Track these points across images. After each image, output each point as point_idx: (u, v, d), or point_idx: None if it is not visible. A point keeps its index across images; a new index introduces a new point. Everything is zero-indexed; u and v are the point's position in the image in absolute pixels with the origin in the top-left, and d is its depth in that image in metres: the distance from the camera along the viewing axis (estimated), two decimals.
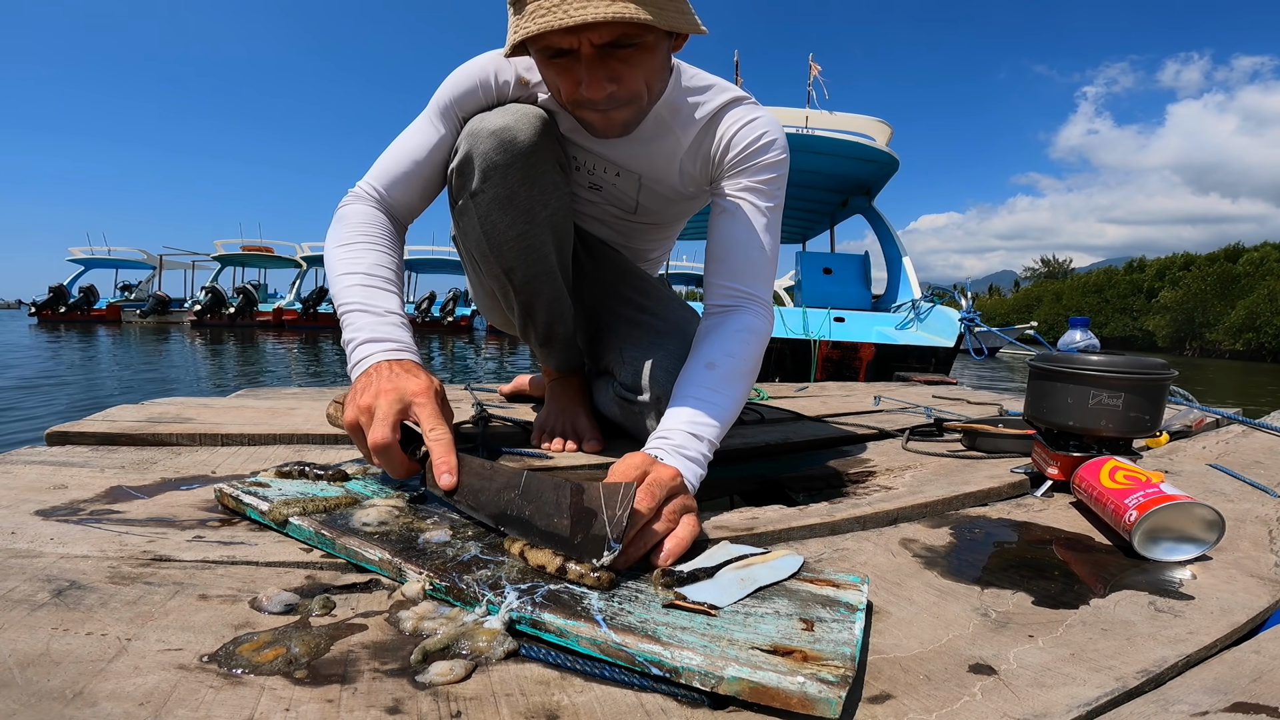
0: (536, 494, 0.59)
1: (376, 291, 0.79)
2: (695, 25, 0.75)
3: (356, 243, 0.83)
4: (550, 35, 0.69)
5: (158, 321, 22.65)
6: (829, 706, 0.38)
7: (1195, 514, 0.65)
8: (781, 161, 0.89)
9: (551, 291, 0.96)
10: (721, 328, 0.84)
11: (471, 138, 0.83)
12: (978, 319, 4.06)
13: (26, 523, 0.62)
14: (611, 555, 0.51)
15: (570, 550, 0.53)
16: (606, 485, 0.56)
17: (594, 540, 0.53)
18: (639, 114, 0.81)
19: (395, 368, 0.70)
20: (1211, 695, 0.42)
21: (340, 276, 0.80)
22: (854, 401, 1.65)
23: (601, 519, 0.53)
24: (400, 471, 0.66)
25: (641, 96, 0.78)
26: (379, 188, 0.88)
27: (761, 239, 0.88)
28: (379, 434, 0.64)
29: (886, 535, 0.71)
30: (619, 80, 0.74)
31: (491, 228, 0.87)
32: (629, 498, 0.54)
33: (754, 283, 0.87)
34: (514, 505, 0.59)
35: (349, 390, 0.71)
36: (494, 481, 0.62)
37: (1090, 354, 0.84)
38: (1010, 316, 33.31)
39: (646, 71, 0.76)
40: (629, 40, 0.71)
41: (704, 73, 0.92)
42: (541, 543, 0.55)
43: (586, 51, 0.70)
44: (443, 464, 0.63)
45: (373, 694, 0.39)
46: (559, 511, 0.56)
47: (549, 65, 0.75)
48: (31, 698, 0.36)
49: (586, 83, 0.73)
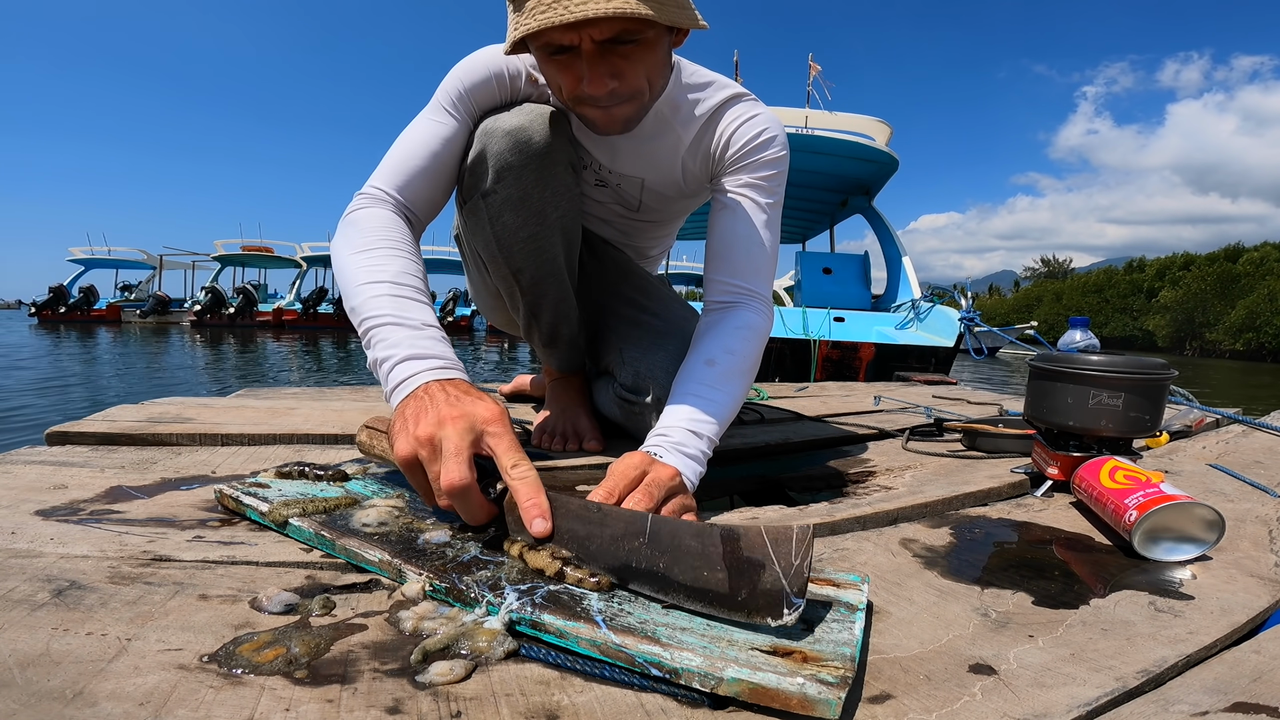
0: (671, 542, 0.50)
1: (408, 303, 0.70)
2: (696, 20, 0.74)
3: (376, 248, 0.74)
4: (551, 31, 0.68)
5: (158, 322, 22.67)
6: (829, 707, 0.38)
7: (1195, 514, 0.65)
8: (782, 158, 0.89)
9: (558, 293, 0.96)
10: (721, 324, 0.84)
11: (485, 136, 0.82)
12: (978, 319, 4.06)
13: (26, 523, 0.62)
14: (794, 613, 0.44)
15: (734, 609, 0.46)
16: (771, 529, 0.48)
17: (766, 596, 0.45)
18: (641, 110, 0.80)
19: (451, 389, 0.61)
20: (1211, 695, 0.42)
21: (361, 287, 0.71)
22: (854, 401, 1.65)
23: (774, 570, 0.46)
24: (480, 516, 0.57)
25: (643, 92, 0.77)
26: (392, 188, 0.81)
27: (762, 236, 0.87)
28: (455, 474, 0.54)
29: (886, 535, 0.71)
30: (620, 76, 0.73)
31: (502, 228, 0.87)
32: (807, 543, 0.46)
33: (754, 279, 0.87)
34: (639, 555, 0.50)
35: (394, 416, 0.61)
36: (606, 527, 0.53)
37: (1090, 354, 0.84)
38: (1010, 316, 33.31)
39: (648, 67, 0.75)
40: (630, 36, 0.70)
41: (704, 69, 0.91)
42: (687, 600, 0.47)
43: (587, 48, 0.70)
44: (533, 506, 0.55)
45: (373, 694, 0.39)
46: (708, 563, 0.48)
47: (549, 62, 0.74)
48: (31, 698, 0.36)
49: (588, 79, 0.72)
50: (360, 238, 0.76)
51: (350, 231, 0.77)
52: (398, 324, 0.67)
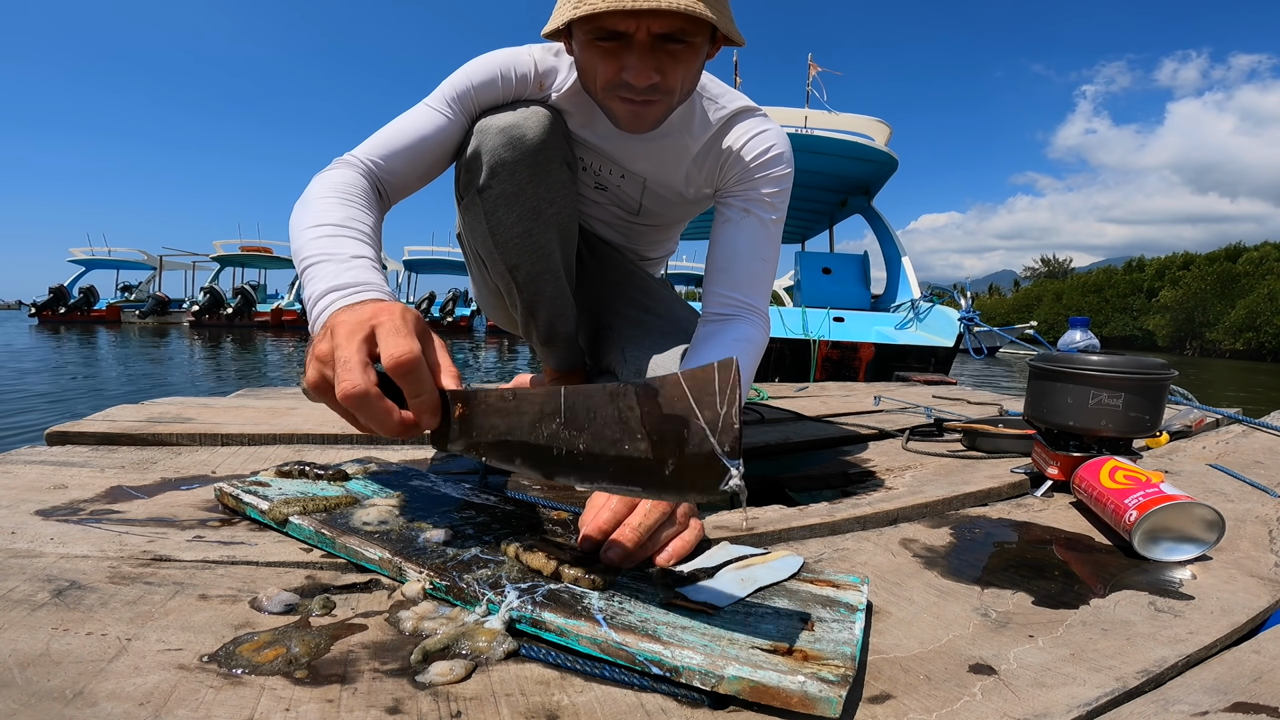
0: (588, 416, 0.42)
1: (342, 240, 0.65)
2: (738, 37, 0.78)
3: (329, 197, 0.71)
4: (612, 16, 0.70)
5: (157, 322, 22.69)
6: (829, 706, 0.38)
7: (1195, 514, 0.65)
8: (787, 175, 0.91)
9: (554, 289, 0.97)
10: (720, 334, 0.85)
11: (481, 134, 0.84)
12: (977, 319, 4.06)
13: (26, 523, 0.62)
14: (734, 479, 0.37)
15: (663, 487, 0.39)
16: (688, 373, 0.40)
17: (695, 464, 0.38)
18: (667, 112, 0.82)
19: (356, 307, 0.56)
20: (1211, 695, 0.42)
21: (304, 230, 0.67)
22: (854, 401, 1.65)
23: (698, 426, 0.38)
24: (393, 426, 0.51)
25: (675, 94, 0.79)
26: (373, 158, 0.80)
27: (764, 251, 0.89)
28: (348, 381, 0.49)
29: (886, 535, 0.71)
30: (663, 73, 0.75)
31: (497, 224, 0.88)
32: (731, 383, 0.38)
33: (754, 294, 0.88)
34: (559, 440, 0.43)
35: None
36: (524, 415, 0.46)
37: (1090, 354, 0.84)
38: (1010, 316, 33.31)
39: (686, 70, 0.77)
40: (683, 36, 0.72)
41: (716, 80, 0.93)
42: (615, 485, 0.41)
43: (642, 38, 0.72)
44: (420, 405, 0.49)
45: (373, 694, 0.39)
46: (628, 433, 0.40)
47: (592, 48, 0.75)
48: (31, 698, 0.36)
49: (634, 70, 0.73)
50: (317, 188, 0.73)
51: (312, 186, 0.75)
52: (327, 259, 0.63)
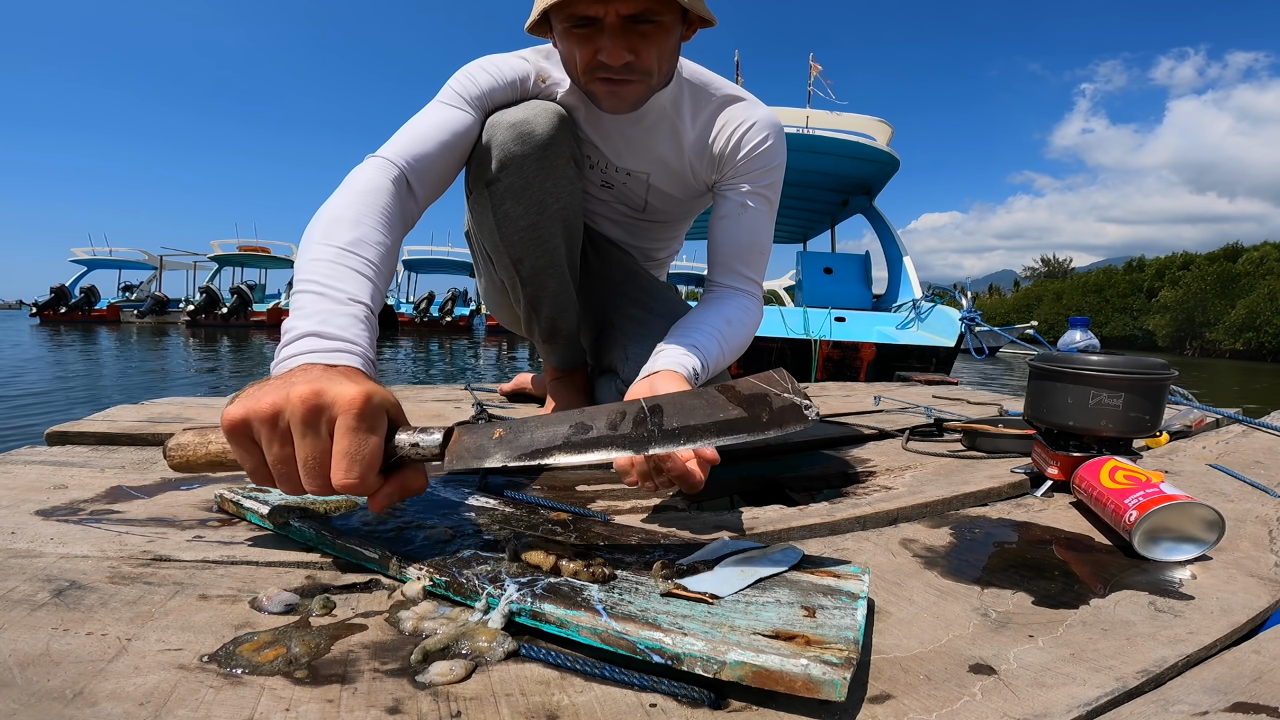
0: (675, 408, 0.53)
1: (346, 271, 0.62)
2: (709, 16, 0.83)
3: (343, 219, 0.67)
4: (581, 2, 0.75)
5: (156, 322, 22.73)
6: (834, 689, 0.37)
7: (1195, 514, 0.65)
8: (781, 163, 0.96)
9: (558, 285, 0.99)
10: (722, 301, 0.92)
11: (491, 129, 0.86)
12: (978, 318, 4.06)
13: (26, 522, 0.62)
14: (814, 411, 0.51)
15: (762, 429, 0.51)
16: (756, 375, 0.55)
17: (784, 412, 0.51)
18: (647, 92, 0.85)
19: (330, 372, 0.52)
20: (1211, 695, 0.42)
21: (311, 245, 0.65)
22: (854, 401, 1.65)
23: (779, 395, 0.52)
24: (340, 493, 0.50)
25: (652, 73, 0.82)
26: (405, 158, 0.78)
27: (761, 237, 0.96)
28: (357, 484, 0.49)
29: (886, 535, 0.71)
30: (636, 53, 0.79)
31: (503, 217, 0.90)
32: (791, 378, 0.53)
33: (752, 274, 0.96)
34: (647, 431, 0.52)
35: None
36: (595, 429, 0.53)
37: (1090, 354, 0.84)
38: (1010, 316, 33.30)
39: (660, 49, 0.81)
40: (651, 16, 0.77)
41: (705, 69, 0.96)
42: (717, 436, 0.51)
43: (611, 21, 0.76)
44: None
45: (373, 694, 0.39)
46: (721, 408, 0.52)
47: (569, 36, 0.80)
48: (31, 698, 0.36)
49: (607, 50, 0.78)
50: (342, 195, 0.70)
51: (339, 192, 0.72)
52: (321, 293, 0.59)
